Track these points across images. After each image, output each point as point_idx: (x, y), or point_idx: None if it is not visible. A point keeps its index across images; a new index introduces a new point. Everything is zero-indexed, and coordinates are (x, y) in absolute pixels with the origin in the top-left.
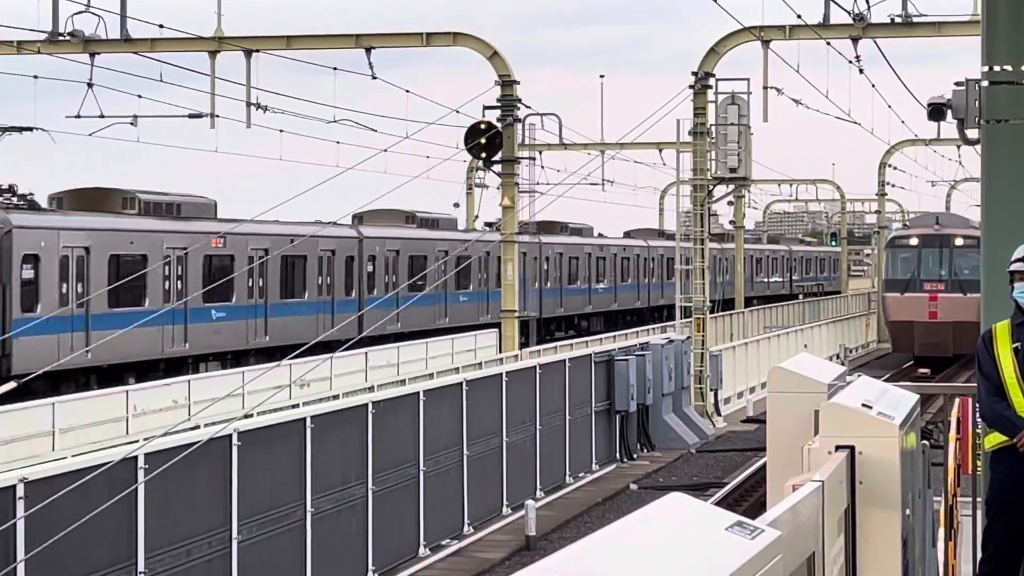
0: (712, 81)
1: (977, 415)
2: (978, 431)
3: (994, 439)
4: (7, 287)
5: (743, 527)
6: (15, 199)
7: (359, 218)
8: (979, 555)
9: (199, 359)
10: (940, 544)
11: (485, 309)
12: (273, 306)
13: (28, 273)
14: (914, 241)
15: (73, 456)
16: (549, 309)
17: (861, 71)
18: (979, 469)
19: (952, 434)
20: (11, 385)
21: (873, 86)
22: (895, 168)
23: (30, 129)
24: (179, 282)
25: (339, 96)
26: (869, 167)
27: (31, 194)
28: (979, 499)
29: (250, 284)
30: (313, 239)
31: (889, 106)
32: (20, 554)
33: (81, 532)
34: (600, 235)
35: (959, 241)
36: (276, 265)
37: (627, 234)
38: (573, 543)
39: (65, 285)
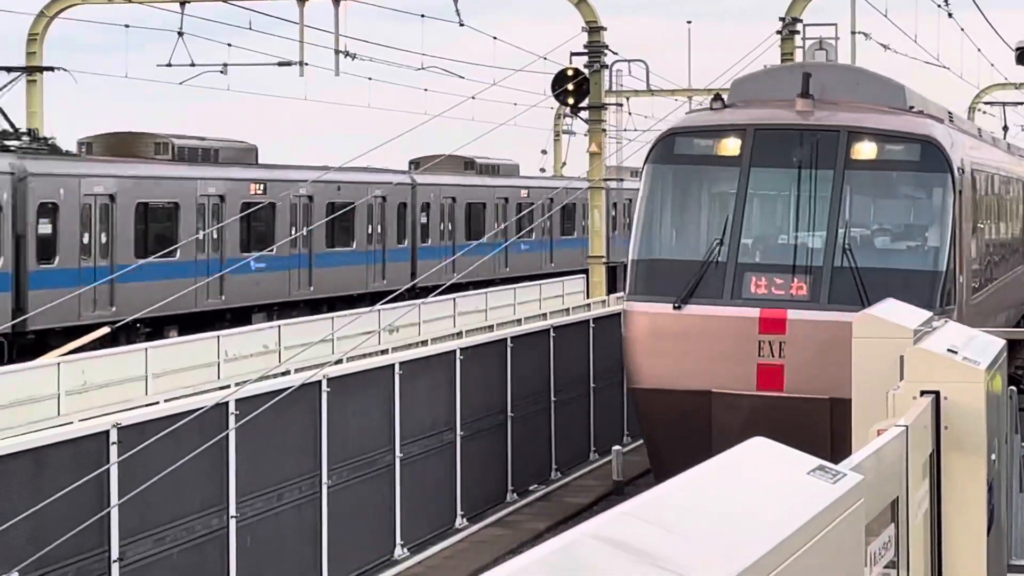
0: (799, 27)
1: None
2: None
3: None
4: (22, 238)
5: (824, 471)
6: (34, 144)
7: (415, 164)
8: None
9: (238, 312)
10: None
11: (548, 258)
12: (318, 256)
13: (45, 223)
14: (732, 144)
15: (166, 401)
16: (617, 257)
17: (950, 15)
18: None
19: None
20: (104, 331)
21: (962, 30)
22: (985, 112)
23: (51, 69)
24: (214, 232)
25: (427, 43)
26: (959, 111)
27: (52, 138)
28: None
29: (293, 232)
30: (363, 185)
31: (979, 49)
32: (114, 499)
33: (173, 477)
34: None
35: (866, 148)
36: (321, 213)
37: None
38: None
39: (87, 235)
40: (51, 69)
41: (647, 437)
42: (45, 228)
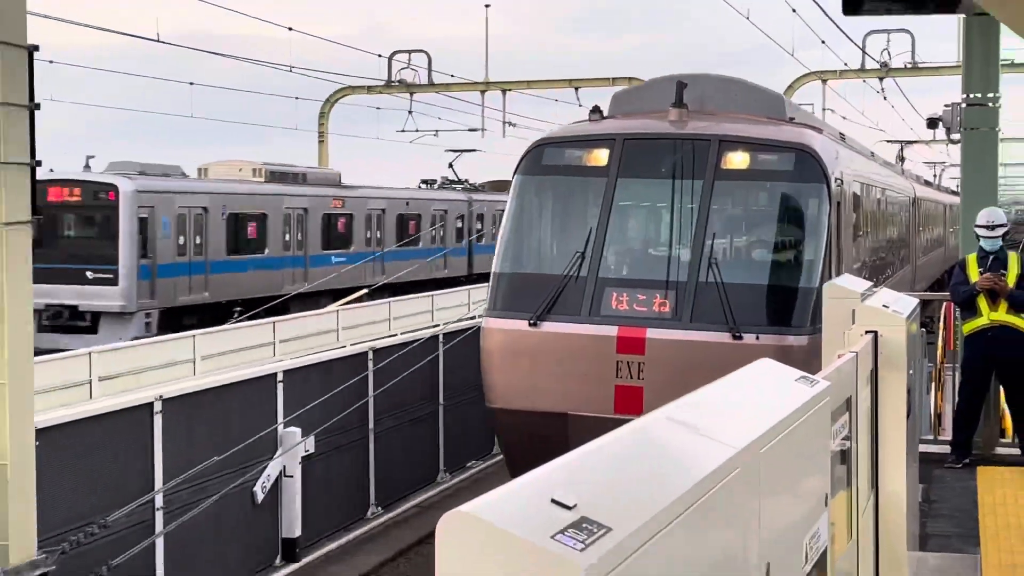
0: None
1: (956, 312)
2: (957, 322)
3: (970, 326)
4: (470, 230)
5: (806, 379)
6: (469, 185)
7: None
8: (956, 400)
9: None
10: (932, 393)
11: None
12: None
13: (478, 224)
14: (600, 154)
15: (402, 334)
16: None
17: (885, 98)
18: (957, 347)
19: (940, 324)
20: (363, 291)
21: (892, 107)
22: (905, 159)
23: (472, 150)
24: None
25: (559, 117)
26: (889, 157)
27: (474, 183)
28: (956, 365)
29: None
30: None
31: (903, 119)
32: (370, 392)
33: (407, 380)
34: None
35: (737, 157)
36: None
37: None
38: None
39: (483, 228)
40: (473, 151)
41: (505, 454)
42: (478, 226)
